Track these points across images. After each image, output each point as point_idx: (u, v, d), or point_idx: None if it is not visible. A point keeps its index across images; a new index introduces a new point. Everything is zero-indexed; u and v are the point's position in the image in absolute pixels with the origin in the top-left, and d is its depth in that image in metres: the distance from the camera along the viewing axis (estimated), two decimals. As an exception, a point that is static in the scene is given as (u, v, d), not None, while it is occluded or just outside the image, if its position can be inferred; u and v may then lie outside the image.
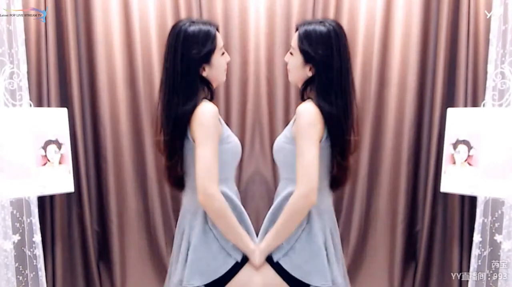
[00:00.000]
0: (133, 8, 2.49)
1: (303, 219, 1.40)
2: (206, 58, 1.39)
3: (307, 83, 1.44)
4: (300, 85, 1.47)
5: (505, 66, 2.06)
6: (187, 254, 1.41)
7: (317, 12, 2.52)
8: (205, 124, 1.35)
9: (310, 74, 1.41)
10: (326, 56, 1.37)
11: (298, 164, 1.35)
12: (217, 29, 1.45)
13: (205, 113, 1.36)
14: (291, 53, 1.45)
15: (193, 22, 1.41)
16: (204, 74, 1.41)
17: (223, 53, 1.46)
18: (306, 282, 1.38)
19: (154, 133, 1.59)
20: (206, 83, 1.44)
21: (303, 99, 1.48)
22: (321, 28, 1.38)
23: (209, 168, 1.33)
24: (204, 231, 1.40)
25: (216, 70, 1.43)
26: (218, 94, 2.62)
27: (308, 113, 1.36)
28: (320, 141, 1.37)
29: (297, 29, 1.45)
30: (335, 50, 1.37)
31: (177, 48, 1.37)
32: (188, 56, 1.37)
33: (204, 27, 1.39)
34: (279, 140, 1.49)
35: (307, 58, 1.39)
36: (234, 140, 1.48)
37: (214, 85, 1.47)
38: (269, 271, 1.40)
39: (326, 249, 1.42)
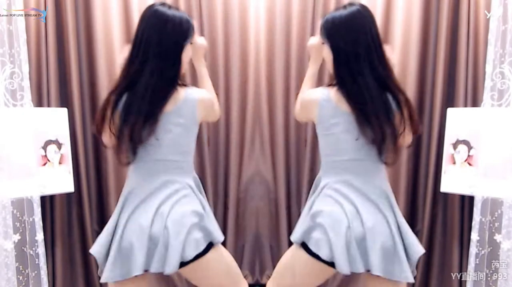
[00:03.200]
0: (133, 8, 2.49)
1: None
2: (186, 41, 1.46)
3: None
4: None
5: (505, 66, 2.06)
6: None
7: (317, 12, 2.52)
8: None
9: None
10: (343, 36, 1.43)
11: None
12: None
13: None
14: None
15: (166, 6, 1.47)
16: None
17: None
18: None
19: None
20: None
21: None
22: (340, 12, 1.47)
23: None
24: None
25: (186, 58, 1.49)
26: (218, 94, 2.62)
27: None
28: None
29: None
30: (360, 29, 1.42)
31: (162, 29, 1.41)
32: (169, 36, 1.42)
33: (178, 13, 1.46)
34: None
35: (327, 43, 1.48)
36: None
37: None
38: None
39: None
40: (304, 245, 1.45)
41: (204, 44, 1.65)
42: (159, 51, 1.40)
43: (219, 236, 1.48)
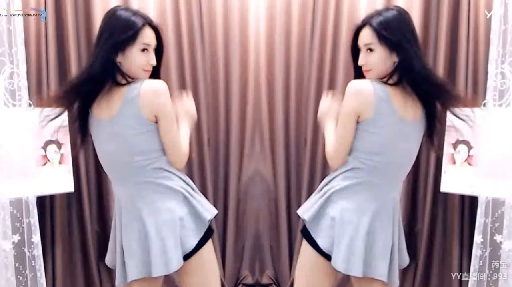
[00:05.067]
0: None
1: None
2: (121, 46, 1.38)
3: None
4: (383, 76, 1.43)
5: (505, 66, 2.06)
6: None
7: (317, 12, 2.52)
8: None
9: (396, 59, 1.40)
10: (406, 36, 1.38)
11: None
12: (152, 26, 1.44)
13: None
14: (369, 50, 1.42)
15: (126, 10, 1.43)
16: (118, 60, 1.40)
17: (144, 50, 1.42)
18: None
19: None
20: (118, 69, 1.41)
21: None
22: (392, 13, 1.40)
23: None
24: None
25: (129, 63, 1.41)
26: (218, 94, 2.63)
27: None
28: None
29: (363, 26, 1.43)
30: (411, 29, 1.40)
31: (101, 29, 1.41)
32: (106, 39, 1.37)
33: (133, 17, 1.39)
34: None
35: (392, 46, 1.38)
36: None
37: (130, 76, 1.42)
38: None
39: None
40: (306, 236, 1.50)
41: (190, 110, 1.57)
42: (96, 52, 1.39)
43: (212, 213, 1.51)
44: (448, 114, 2.22)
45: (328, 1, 2.51)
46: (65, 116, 1.55)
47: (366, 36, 1.42)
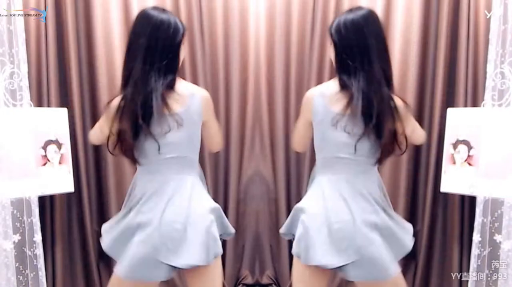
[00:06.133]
0: (133, 8, 2.49)
1: None
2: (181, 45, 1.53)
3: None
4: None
5: (505, 66, 2.06)
6: None
7: (317, 12, 2.52)
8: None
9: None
10: (343, 42, 1.49)
11: None
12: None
13: None
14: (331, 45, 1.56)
15: (172, 14, 1.52)
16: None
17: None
18: None
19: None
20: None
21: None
22: (345, 17, 1.50)
23: None
24: None
25: (181, 58, 1.55)
26: (218, 93, 2.63)
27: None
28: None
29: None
30: (355, 37, 1.47)
31: (161, 35, 1.46)
32: (175, 43, 1.49)
33: (176, 19, 1.51)
34: None
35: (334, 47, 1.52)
36: None
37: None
38: None
39: None
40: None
41: None
42: (152, 53, 1.45)
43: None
44: (448, 113, 2.24)
45: (328, 1, 2.51)
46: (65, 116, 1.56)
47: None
